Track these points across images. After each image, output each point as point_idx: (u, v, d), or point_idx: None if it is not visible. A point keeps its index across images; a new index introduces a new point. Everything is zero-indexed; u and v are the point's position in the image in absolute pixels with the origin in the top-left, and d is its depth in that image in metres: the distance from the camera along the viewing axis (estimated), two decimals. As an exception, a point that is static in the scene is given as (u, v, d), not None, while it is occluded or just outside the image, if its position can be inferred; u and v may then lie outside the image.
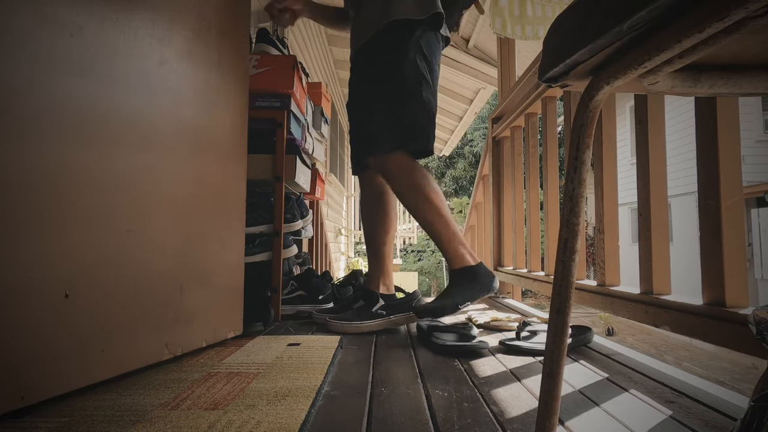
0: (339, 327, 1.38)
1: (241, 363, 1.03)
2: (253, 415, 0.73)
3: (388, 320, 1.40)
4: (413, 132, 1.41)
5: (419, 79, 1.40)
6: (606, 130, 1.40)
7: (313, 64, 4.31)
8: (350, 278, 1.99)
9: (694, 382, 0.90)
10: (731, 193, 0.89)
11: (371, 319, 1.39)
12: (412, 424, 0.71)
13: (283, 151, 1.68)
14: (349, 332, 1.37)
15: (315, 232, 3.10)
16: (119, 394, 0.82)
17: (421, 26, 1.41)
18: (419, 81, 1.40)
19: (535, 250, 2.06)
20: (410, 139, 1.41)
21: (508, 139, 2.43)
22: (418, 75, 1.40)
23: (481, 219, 3.21)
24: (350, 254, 8.21)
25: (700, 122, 0.95)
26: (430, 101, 1.43)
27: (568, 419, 0.72)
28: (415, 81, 1.40)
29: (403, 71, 1.39)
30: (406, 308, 1.42)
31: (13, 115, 0.69)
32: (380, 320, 1.39)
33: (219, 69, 1.15)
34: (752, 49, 0.44)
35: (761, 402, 0.44)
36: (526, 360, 1.09)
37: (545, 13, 2.37)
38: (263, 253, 1.68)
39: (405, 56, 1.39)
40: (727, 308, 0.86)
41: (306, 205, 2.07)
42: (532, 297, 11.87)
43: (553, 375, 0.52)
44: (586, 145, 0.52)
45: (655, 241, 1.12)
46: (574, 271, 0.52)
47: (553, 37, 0.54)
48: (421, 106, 1.41)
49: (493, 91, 5.47)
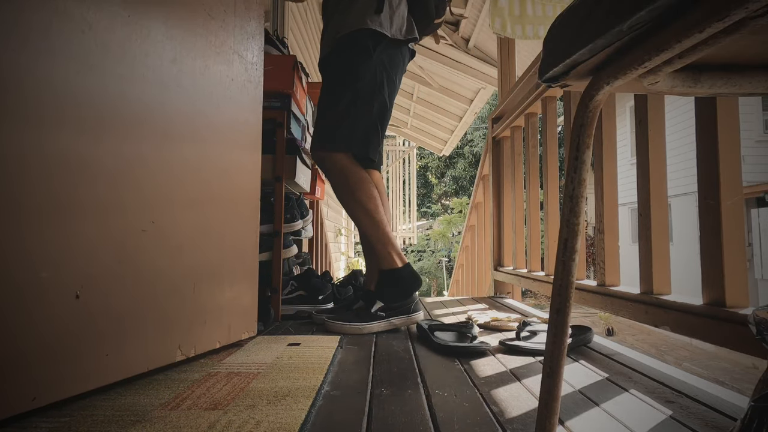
0: (338, 328, 1.38)
1: (241, 363, 1.03)
2: (253, 415, 0.73)
3: (387, 322, 1.40)
4: (354, 136, 1.45)
5: (375, 89, 1.44)
6: (606, 130, 1.40)
7: (313, 64, 4.31)
8: (350, 278, 1.99)
9: (694, 382, 0.90)
10: (731, 193, 0.89)
11: (372, 321, 1.39)
12: (412, 424, 0.71)
13: (283, 151, 1.68)
14: (348, 333, 1.37)
15: (315, 232, 3.10)
16: (119, 394, 0.82)
17: (386, 41, 1.44)
18: (374, 91, 1.44)
19: (535, 250, 2.06)
20: (350, 142, 1.45)
21: (508, 139, 2.43)
22: (374, 85, 1.44)
23: (481, 219, 3.21)
24: (350, 254, 8.22)
25: (700, 122, 0.95)
26: (380, 111, 1.47)
27: (568, 419, 0.72)
28: (371, 90, 1.43)
29: (361, 78, 1.43)
30: (404, 310, 1.42)
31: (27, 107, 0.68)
32: (380, 322, 1.39)
33: (232, 63, 1.14)
34: (752, 49, 0.44)
35: (761, 402, 0.44)
36: (526, 360, 1.09)
37: (545, 13, 2.37)
38: (263, 253, 1.68)
39: (365, 64, 1.42)
40: (727, 308, 0.86)
41: (306, 205, 2.07)
42: (532, 297, 11.87)
43: (553, 375, 0.52)
44: (586, 145, 0.52)
45: (655, 241, 1.12)
46: (574, 271, 0.52)
47: (553, 37, 0.54)
48: (369, 115, 1.45)
49: (493, 91, 5.47)
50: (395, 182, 9.90)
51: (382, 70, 1.44)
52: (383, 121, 1.49)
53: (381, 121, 1.48)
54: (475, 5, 4.28)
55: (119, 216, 0.84)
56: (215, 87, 1.08)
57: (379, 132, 1.49)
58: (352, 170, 1.45)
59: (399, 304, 1.42)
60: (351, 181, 1.44)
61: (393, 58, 1.47)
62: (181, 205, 0.98)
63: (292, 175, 1.73)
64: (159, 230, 0.91)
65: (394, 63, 1.48)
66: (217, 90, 1.09)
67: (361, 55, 1.42)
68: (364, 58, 1.42)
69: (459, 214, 13.79)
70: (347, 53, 1.44)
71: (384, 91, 1.45)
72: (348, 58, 1.44)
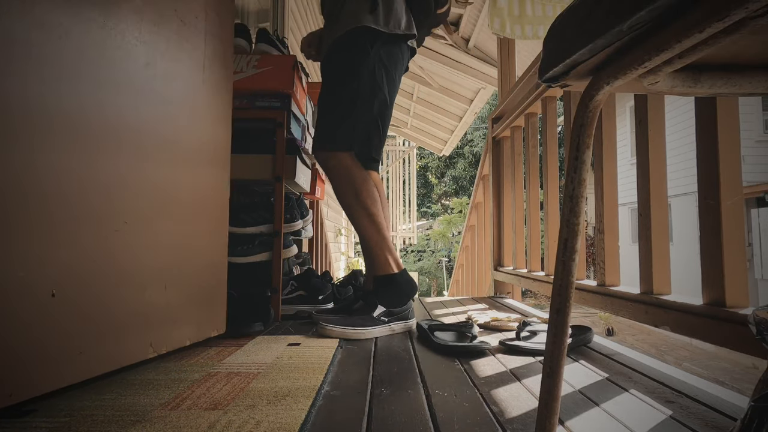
0: (340, 333, 1.33)
1: (241, 363, 1.03)
2: (253, 415, 0.73)
3: (388, 328, 1.39)
4: (355, 135, 1.44)
5: (374, 87, 1.43)
6: (606, 130, 1.40)
7: (313, 64, 4.31)
8: (350, 278, 1.99)
9: (694, 382, 0.90)
10: (731, 193, 0.89)
11: (374, 326, 1.37)
12: (412, 424, 0.71)
13: (283, 151, 1.68)
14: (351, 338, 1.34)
15: (315, 232, 3.10)
16: (119, 394, 0.82)
17: (383, 37, 1.43)
18: (374, 88, 1.43)
19: (535, 250, 2.06)
20: (351, 141, 1.44)
21: (508, 139, 2.43)
22: (373, 83, 1.43)
23: (481, 219, 3.21)
24: (350, 254, 8.22)
25: (700, 122, 0.95)
26: (380, 109, 1.46)
27: (568, 419, 0.72)
28: (370, 88, 1.43)
29: (360, 77, 1.42)
30: (404, 316, 1.42)
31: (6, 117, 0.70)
32: (382, 327, 1.38)
33: (203, 70, 1.16)
34: (752, 49, 0.44)
35: (761, 402, 0.44)
36: (526, 360, 1.09)
37: (545, 13, 2.37)
38: (263, 253, 1.68)
39: (363, 62, 1.42)
40: (727, 308, 0.86)
41: (306, 205, 2.08)
42: (532, 297, 11.87)
43: (553, 375, 0.52)
44: (586, 145, 0.52)
45: (655, 241, 1.12)
46: (574, 271, 0.52)
47: (553, 37, 0.54)
48: (369, 113, 1.44)
49: (493, 91, 5.47)
50: (395, 182, 9.90)
51: (380, 68, 1.43)
52: (384, 118, 1.48)
53: (382, 119, 1.47)
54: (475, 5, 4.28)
55: (94, 220, 0.85)
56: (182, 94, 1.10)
57: (380, 130, 1.48)
58: (354, 170, 1.44)
59: (399, 310, 1.41)
60: (352, 182, 1.44)
61: (392, 54, 1.46)
62: (153, 208, 1.01)
63: (292, 175, 1.73)
64: (132, 232, 0.94)
65: (393, 59, 1.47)
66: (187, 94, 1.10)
67: (359, 54, 1.42)
68: (362, 57, 1.42)
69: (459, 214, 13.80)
70: (344, 53, 1.44)
71: (383, 88, 1.45)
72: (346, 58, 1.44)
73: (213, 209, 1.22)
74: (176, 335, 1.07)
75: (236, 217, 1.69)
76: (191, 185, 1.13)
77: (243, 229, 1.69)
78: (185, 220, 1.11)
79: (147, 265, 0.98)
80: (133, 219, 0.94)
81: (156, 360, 1.05)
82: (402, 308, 1.42)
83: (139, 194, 0.96)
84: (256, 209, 1.72)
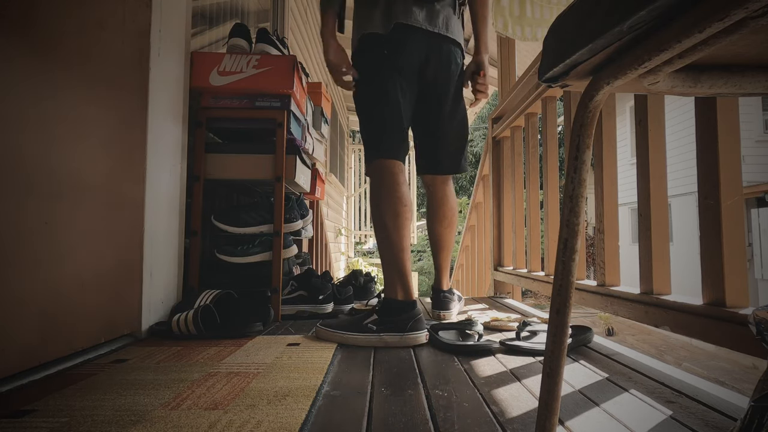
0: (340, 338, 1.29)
1: (241, 363, 1.03)
2: (254, 415, 0.73)
3: (378, 338, 1.26)
4: (377, 141, 1.44)
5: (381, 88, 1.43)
6: (606, 130, 1.40)
7: (313, 64, 4.31)
8: (350, 278, 1.99)
9: (694, 382, 0.90)
10: (731, 193, 0.89)
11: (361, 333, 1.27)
12: (412, 424, 0.71)
13: (283, 151, 1.68)
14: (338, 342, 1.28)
15: (315, 232, 3.10)
16: (119, 394, 0.82)
17: (384, 36, 1.43)
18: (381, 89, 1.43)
19: (535, 250, 2.06)
20: (377, 148, 1.44)
21: (508, 139, 2.43)
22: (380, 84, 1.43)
23: (481, 219, 3.21)
24: (350, 254, 8.21)
25: (700, 122, 0.95)
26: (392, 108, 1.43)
27: (568, 419, 0.72)
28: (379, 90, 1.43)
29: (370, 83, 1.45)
30: (398, 329, 1.27)
31: None
32: (370, 336, 1.26)
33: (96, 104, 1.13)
34: (752, 49, 0.44)
35: (761, 402, 0.44)
36: (526, 360, 1.09)
37: (543, 16, 2.37)
38: (263, 253, 1.68)
39: (370, 69, 1.44)
40: (727, 308, 0.87)
41: (306, 205, 2.08)
42: (532, 297, 11.87)
43: (553, 375, 0.52)
44: (586, 145, 0.52)
45: (655, 241, 1.12)
46: (574, 271, 0.52)
47: (553, 38, 0.54)
48: (381, 115, 1.44)
49: (493, 91, 5.46)
50: (395, 182, 9.86)
51: (388, 65, 1.43)
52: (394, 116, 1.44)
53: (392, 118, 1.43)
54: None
55: (20, 212, 0.90)
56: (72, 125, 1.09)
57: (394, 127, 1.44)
58: (382, 180, 1.41)
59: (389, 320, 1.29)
60: (377, 192, 1.41)
61: (397, 45, 1.43)
62: (72, 210, 1.05)
63: (292, 175, 1.73)
64: (52, 232, 0.99)
65: (398, 49, 1.44)
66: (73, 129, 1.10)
67: (366, 63, 1.45)
68: (369, 64, 1.45)
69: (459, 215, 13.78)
70: (357, 67, 1.48)
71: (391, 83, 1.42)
72: (359, 70, 1.47)
73: (129, 212, 1.28)
74: (93, 332, 1.14)
75: (236, 217, 1.69)
76: (109, 189, 1.17)
77: (243, 229, 1.69)
78: (102, 224, 1.16)
79: (67, 264, 1.04)
80: (53, 219, 1.00)
81: (155, 360, 1.05)
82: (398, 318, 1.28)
83: (60, 194, 1.01)
84: (256, 209, 1.72)
